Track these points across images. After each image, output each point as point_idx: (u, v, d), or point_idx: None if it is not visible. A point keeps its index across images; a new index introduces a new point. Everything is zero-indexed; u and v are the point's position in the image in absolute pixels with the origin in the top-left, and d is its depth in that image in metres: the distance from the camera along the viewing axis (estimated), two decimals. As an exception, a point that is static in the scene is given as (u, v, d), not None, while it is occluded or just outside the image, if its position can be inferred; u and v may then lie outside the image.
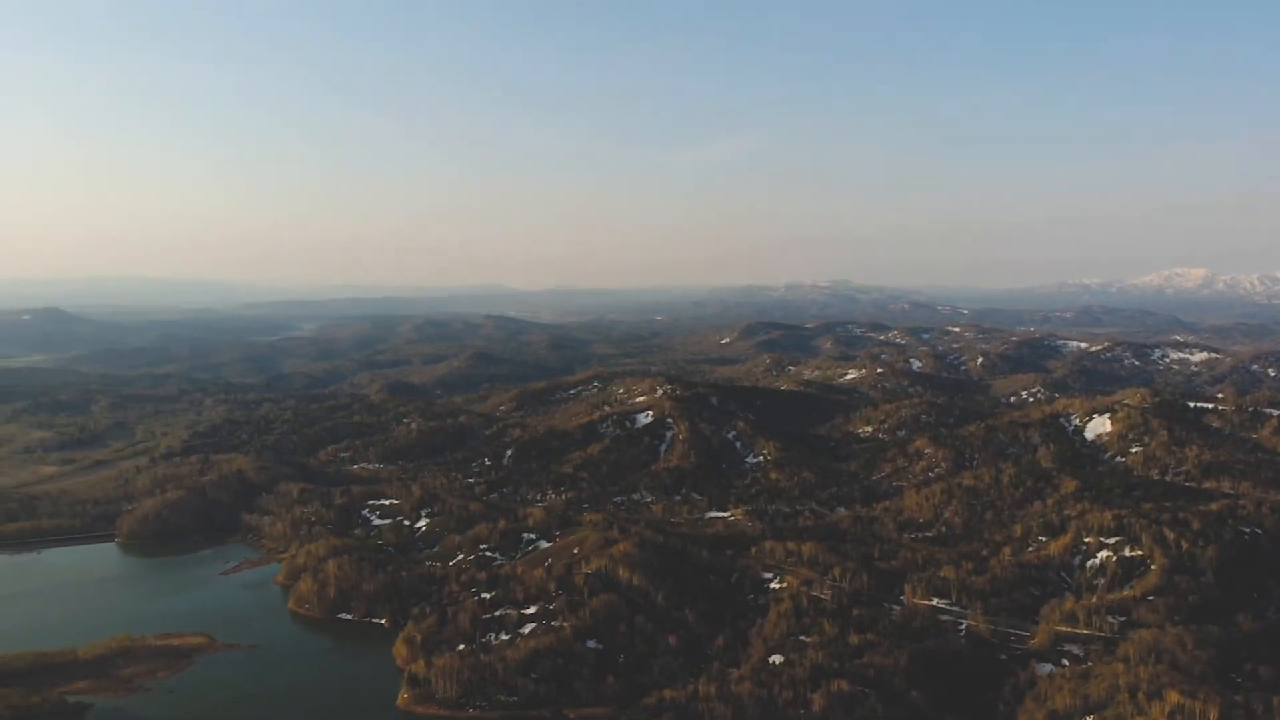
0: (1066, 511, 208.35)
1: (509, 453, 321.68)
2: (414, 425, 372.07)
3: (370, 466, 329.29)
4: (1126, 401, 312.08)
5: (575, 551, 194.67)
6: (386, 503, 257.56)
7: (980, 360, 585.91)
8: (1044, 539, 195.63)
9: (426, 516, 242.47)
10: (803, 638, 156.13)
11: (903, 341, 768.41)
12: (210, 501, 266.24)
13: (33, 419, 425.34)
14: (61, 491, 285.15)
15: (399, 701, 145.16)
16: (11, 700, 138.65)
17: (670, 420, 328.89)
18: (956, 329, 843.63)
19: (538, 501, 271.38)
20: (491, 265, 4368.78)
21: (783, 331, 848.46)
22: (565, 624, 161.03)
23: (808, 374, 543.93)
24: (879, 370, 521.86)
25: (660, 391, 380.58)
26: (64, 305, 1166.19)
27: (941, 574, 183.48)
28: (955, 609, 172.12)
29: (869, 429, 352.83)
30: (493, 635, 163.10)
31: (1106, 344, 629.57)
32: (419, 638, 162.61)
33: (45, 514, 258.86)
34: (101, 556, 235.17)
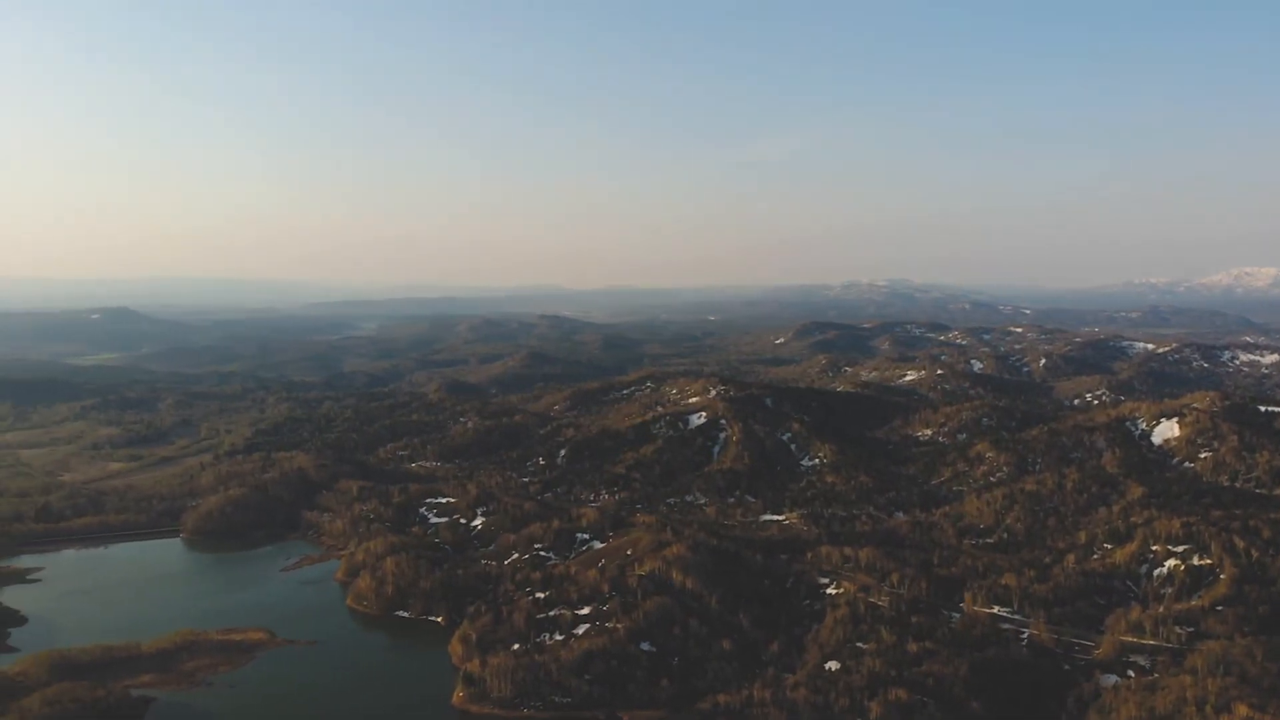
0: (1133, 519, 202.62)
1: (562, 452, 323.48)
2: (470, 424, 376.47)
3: (428, 464, 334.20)
4: (1195, 405, 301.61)
5: (628, 553, 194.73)
6: (443, 501, 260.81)
7: (1043, 361, 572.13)
8: (1109, 547, 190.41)
9: (482, 515, 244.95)
10: (860, 645, 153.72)
11: (963, 342, 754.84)
12: (272, 499, 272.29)
13: (101, 416, 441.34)
14: (128, 487, 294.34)
15: (454, 700, 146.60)
16: (77, 693, 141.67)
17: (724, 421, 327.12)
18: (1019, 329, 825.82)
19: (591, 501, 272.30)
20: (546, 265, 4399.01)
21: (839, 331, 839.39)
22: (619, 625, 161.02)
23: (865, 375, 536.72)
24: (939, 371, 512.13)
25: (713, 392, 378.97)
26: (133, 305, 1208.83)
27: (1003, 581, 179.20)
28: (1017, 618, 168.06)
29: (928, 432, 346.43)
30: (547, 635, 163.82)
31: (1174, 345, 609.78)
32: (474, 636, 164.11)
33: (112, 509, 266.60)
34: (166, 552, 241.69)
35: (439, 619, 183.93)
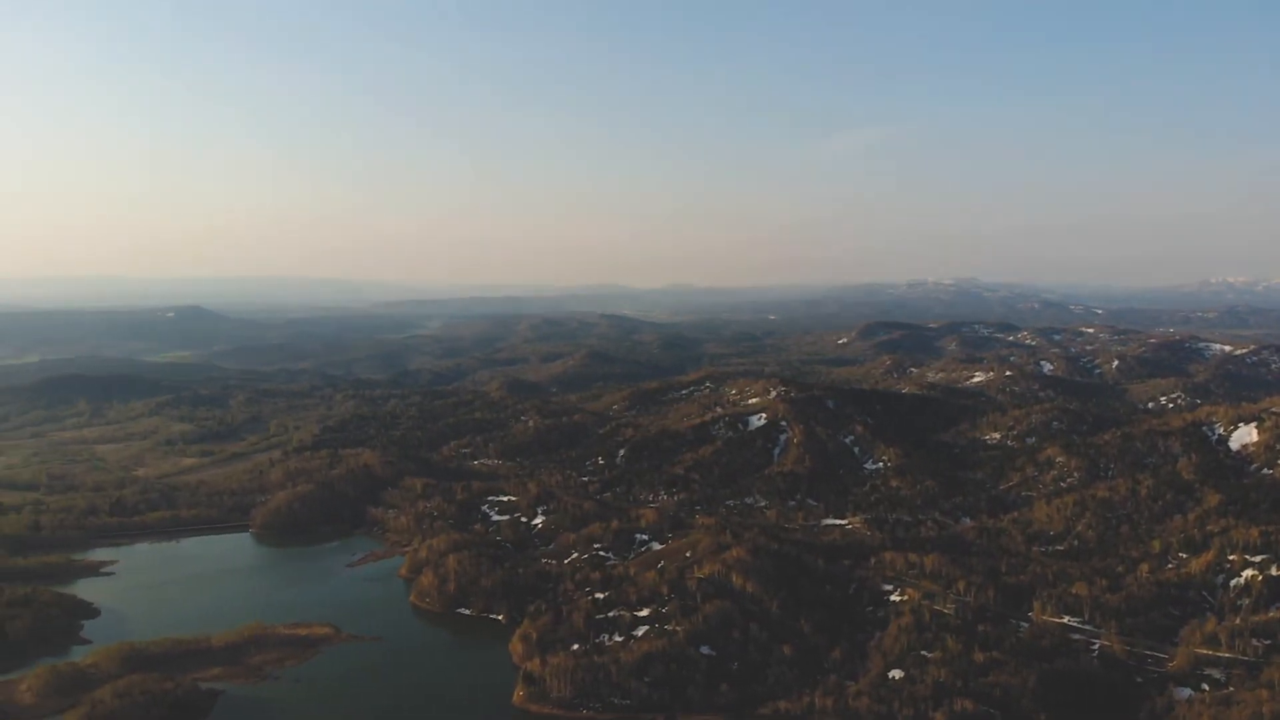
0: (1209, 527, 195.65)
1: (621, 452, 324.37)
2: (531, 423, 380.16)
3: (489, 462, 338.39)
4: (1275, 409, 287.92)
5: (688, 555, 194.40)
6: (505, 499, 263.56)
7: (1116, 363, 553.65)
8: (1184, 556, 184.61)
9: (542, 514, 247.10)
10: (924, 653, 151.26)
11: (1032, 343, 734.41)
12: (338, 495, 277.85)
13: (175, 412, 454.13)
14: (200, 482, 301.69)
15: (515, 699, 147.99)
16: (148, 685, 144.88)
17: (784, 423, 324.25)
18: (1090, 330, 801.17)
19: (649, 502, 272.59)
20: (607, 265, 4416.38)
21: (904, 331, 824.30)
22: (678, 628, 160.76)
23: (931, 376, 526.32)
24: (1007, 373, 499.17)
25: (774, 393, 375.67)
26: (206, 303, 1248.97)
27: (1073, 591, 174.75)
28: (1087, 628, 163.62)
29: (996, 435, 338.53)
30: (606, 636, 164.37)
31: (1253, 346, 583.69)
32: (534, 635, 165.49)
33: (184, 504, 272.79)
34: (236, 546, 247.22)
35: (500, 617, 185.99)
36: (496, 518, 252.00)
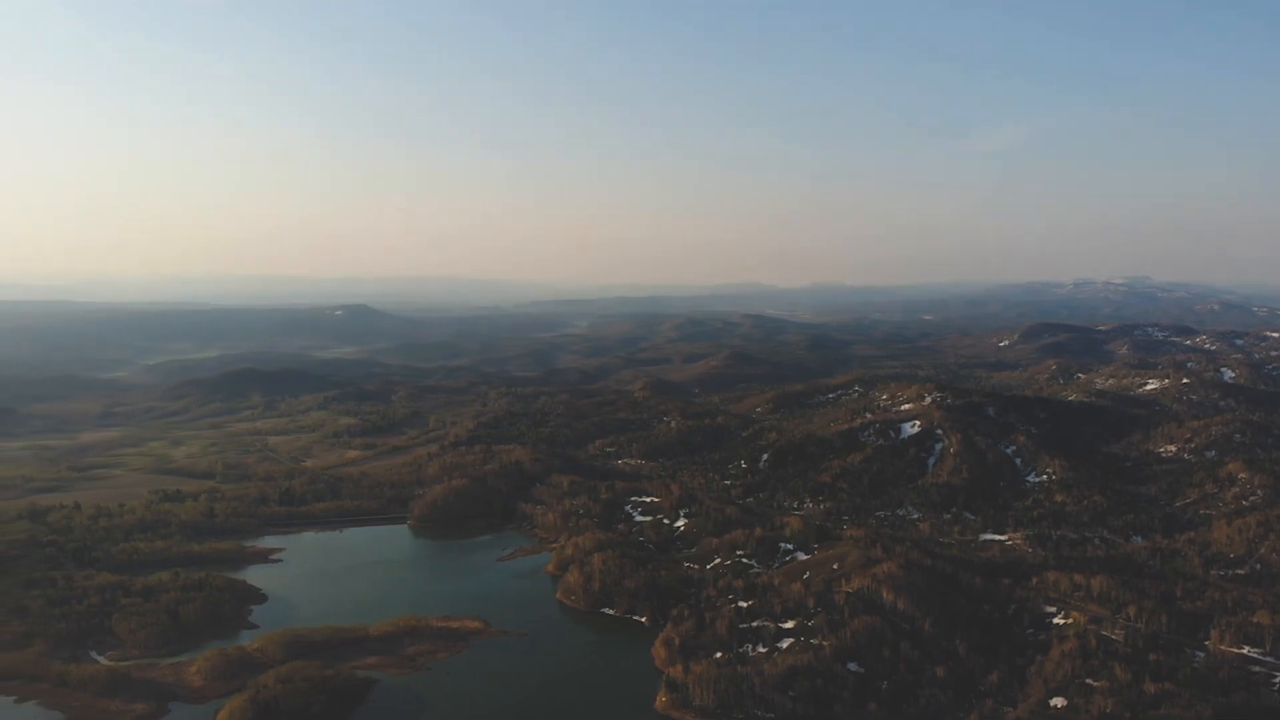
0: None
1: (765, 456, 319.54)
2: (673, 423, 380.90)
3: (632, 462, 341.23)
4: None
5: (835, 567, 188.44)
6: (648, 500, 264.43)
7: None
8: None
9: (685, 516, 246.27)
10: (1089, 681, 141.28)
11: (1212, 347, 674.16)
12: (490, 489, 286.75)
13: (341, 407, 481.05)
14: (363, 474, 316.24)
15: (657, 704, 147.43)
16: (309, 672, 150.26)
17: (940, 431, 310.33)
18: (1277, 334, 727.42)
19: (794, 510, 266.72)
20: (751, 264, 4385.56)
21: (1070, 334, 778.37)
22: (825, 643, 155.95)
23: (1099, 383, 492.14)
24: (1184, 380, 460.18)
25: (929, 399, 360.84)
26: (371, 302, 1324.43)
27: (1255, 619, 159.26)
28: (1269, 659, 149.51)
29: (1172, 448, 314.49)
30: (750, 646, 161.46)
31: None
32: (677, 640, 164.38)
33: (348, 495, 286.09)
34: (394, 537, 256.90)
35: (643, 619, 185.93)
36: (639, 518, 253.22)
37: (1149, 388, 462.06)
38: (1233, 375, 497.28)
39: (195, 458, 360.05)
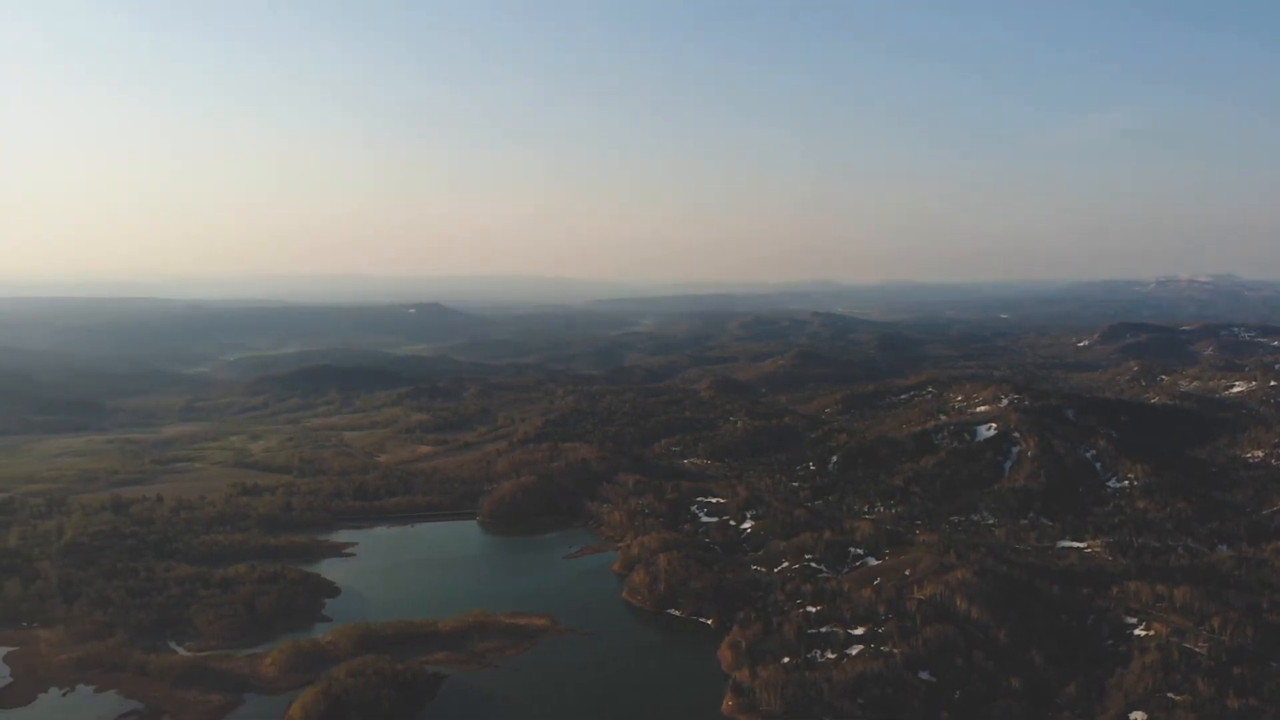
0: None
1: (834, 458, 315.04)
2: (740, 423, 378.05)
3: (699, 462, 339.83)
4: None
5: (906, 573, 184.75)
6: (714, 500, 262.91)
7: None
8: None
9: (751, 518, 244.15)
10: (1171, 695, 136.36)
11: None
12: (558, 487, 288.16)
13: (414, 403, 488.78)
14: (434, 470, 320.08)
15: (724, 708, 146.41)
16: (379, 666, 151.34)
17: (1016, 434, 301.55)
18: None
19: (864, 513, 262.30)
20: (820, 260, 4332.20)
21: (1153, 334, 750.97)
22: (896, 650, 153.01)
23: (1184, 385, 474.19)
24: (1272, 383, 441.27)
25: (1005, 401, 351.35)
26: (443, 300, 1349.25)
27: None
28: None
29: (1260, 454, 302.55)
30: (818, 652, 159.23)
31: None
32: (744, 644, 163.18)
33: (420, 491, 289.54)
34: (464, 533, 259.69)
35: (709, 621, 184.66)
36: (705, 519, 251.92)
37: (1235, 390, 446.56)
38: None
39: (273, 452, 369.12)
